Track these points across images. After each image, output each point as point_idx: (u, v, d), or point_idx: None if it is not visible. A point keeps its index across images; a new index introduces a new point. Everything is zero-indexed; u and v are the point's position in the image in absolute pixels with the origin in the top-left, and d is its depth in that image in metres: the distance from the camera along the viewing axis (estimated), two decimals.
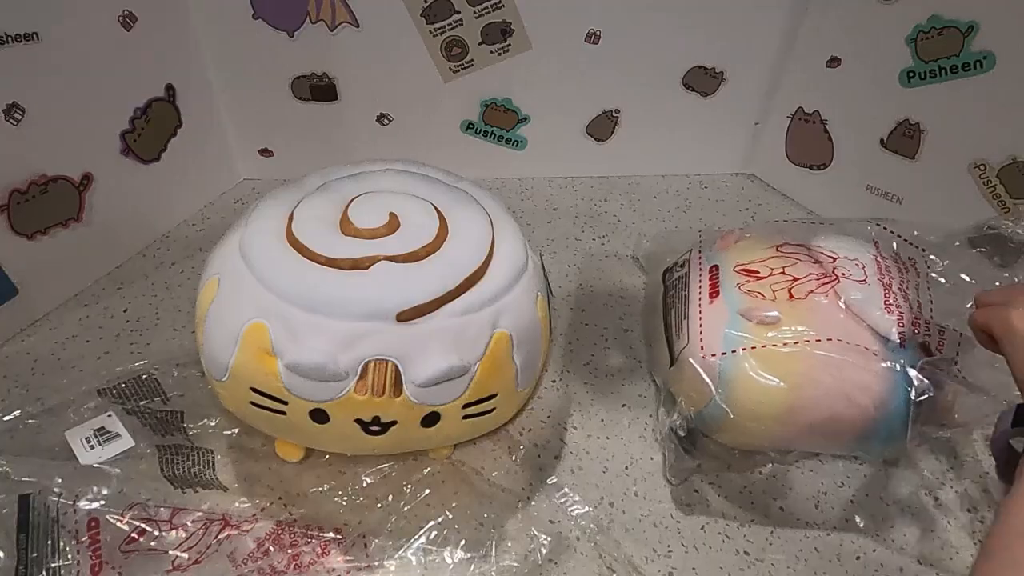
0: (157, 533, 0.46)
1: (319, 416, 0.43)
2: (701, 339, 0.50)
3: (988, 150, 0.63)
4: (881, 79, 0.67)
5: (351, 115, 0.75)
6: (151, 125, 0.66)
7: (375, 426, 0.44)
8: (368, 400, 0.42)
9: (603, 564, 0.48)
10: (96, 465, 0.48)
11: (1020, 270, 0.49)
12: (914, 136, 0.68)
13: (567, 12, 0.69)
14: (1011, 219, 0.63)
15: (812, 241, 0.55)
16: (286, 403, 0.43)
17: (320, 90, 0.73)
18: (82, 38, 0.57)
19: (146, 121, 0.66)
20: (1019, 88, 0.59)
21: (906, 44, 0.64)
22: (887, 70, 0.67)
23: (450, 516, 0.49)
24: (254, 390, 0.43)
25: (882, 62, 0.67)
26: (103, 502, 0.46)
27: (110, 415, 0.51)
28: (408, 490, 0.50)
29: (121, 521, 0.46)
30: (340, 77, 0.72)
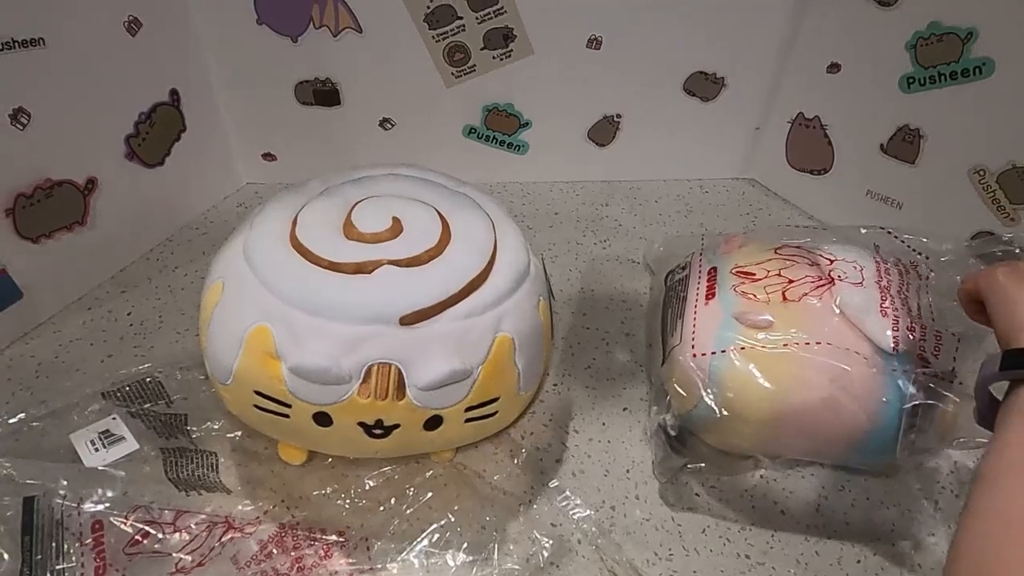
0: (161, 536, 0.46)
1: (322, 419, 0.43)
2: (693, 338, 0.50)
3: (987, 155, 0.63)
4: (881, 85, 0.68)
5: (354, 120, 0.75)
6: (155, 130, 0.67)
7: (378, 429, 0.44)
8: (371, 403, 0.42)
9: (604, 567, 0.48)
10: (100, 468, 0.48)
11: None
12: (914, 141, 0.68)
13: (569, 18, 0.70)
14: (1010, 224, 0.64)
15: (812, 244, 0.55)
16: (289, 406, 0.43)
17: (323, 95, 0.73)
18: (87, 43, 0.58)
19: (150, 126, 0.66)
20: (1018, 94, 0.59)
21: (906, 50, 0.65)
22: (887, 76, 0.67)
23: (452, 519, 0.49)
24: (258, 393, 0.43)
25: (882, 68, 0.67)
26: (107, 504, 0.46)
27: (114, 418, 0.52)
28: (410, 493, 0.50)
29: (125, 523, 0.46)
30: (343, 82, 0.72)
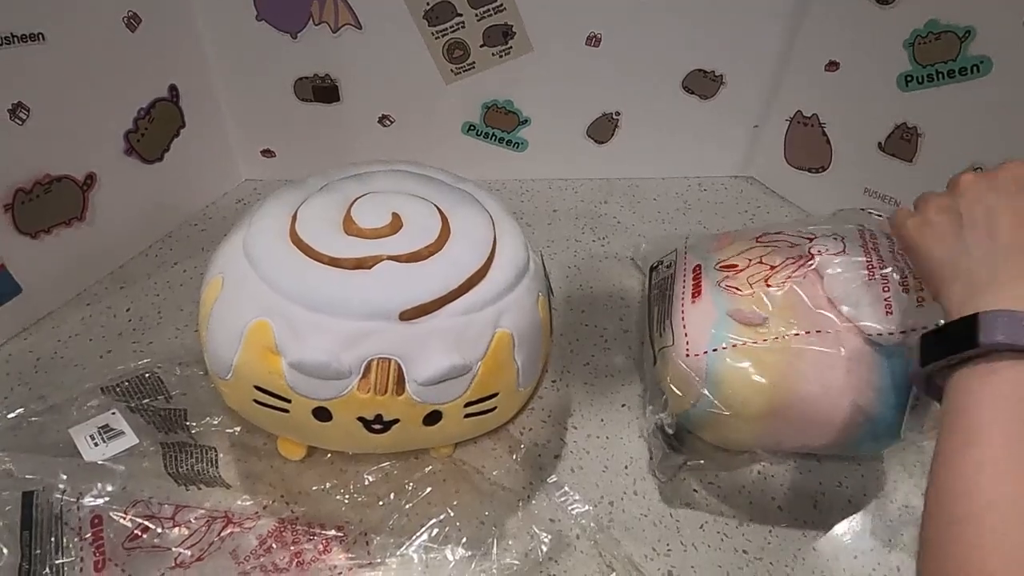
0: (160, 530, 0.46)
1: (322, 414, 0.44)
2: (686, 338, 0.50)
3: (985, 154, 0.63)
4: (879, 83, 0.68)
5: (353, 116, 0.75)
6: (154, 125, 0.67)
7: (377, 424, 0.44)
8: (371, 398, 0.42)
9: (603, 562, 0.48)
10: (100, 462, 0.48)
11: None
12: (911, 140, 0.68)
13: (568, 15, 0.70)
14: None
15: (792, 227, 0.55)
16: (289, 401, 0.43)
17: (322, 91, 0.73)
18: (87, 38, 0.58)
19: (149, 121, 0.66)
20: (1016, 92, 0.60)
21: (904, 48, 0.65)
22: (885, 74, 0.67)
23: (451, 514, 0.49)
24: (258, 388, 0.44)
25: (880, 66, 0.67)
26: (107, 499, 0.46)
27: (114, 413, 0.52)
28: (409, 488, 0.50)
29: (124, 518, 0.46)
30: (342, 78, 0.72)
